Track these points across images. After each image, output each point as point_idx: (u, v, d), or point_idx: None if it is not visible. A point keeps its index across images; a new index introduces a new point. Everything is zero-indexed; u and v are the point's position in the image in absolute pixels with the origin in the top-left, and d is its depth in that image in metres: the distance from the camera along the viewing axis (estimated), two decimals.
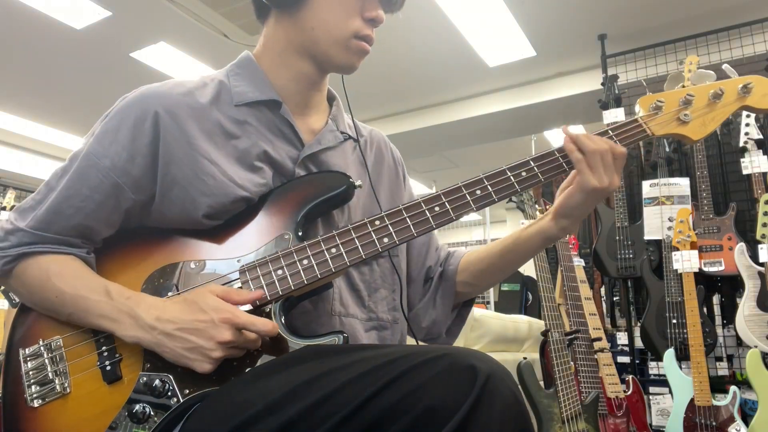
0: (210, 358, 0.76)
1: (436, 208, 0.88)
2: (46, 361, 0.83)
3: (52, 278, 0.84)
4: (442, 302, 1.10)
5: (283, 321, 0.83)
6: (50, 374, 0.82)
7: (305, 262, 0.84)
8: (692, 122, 0.96)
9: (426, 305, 1.10)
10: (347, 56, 0.93)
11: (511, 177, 0.90)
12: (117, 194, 0.87)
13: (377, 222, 0.87)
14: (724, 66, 1.02)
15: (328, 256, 0.84)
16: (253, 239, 0.88)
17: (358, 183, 0.93)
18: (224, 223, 0.89)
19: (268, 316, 0.83)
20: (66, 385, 0.82)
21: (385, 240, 0.86)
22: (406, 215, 0.87)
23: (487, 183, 0.90)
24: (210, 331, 0.76)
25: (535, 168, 0.91)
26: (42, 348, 0.84)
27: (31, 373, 0.83)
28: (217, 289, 0.80)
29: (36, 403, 0.81)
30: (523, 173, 0.91)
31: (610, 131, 0.94)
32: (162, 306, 0.80)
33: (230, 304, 0.79)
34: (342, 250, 0.85)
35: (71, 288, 0.83)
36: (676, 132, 0.96)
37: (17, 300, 0.92)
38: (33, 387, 0.82)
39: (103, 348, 0.83)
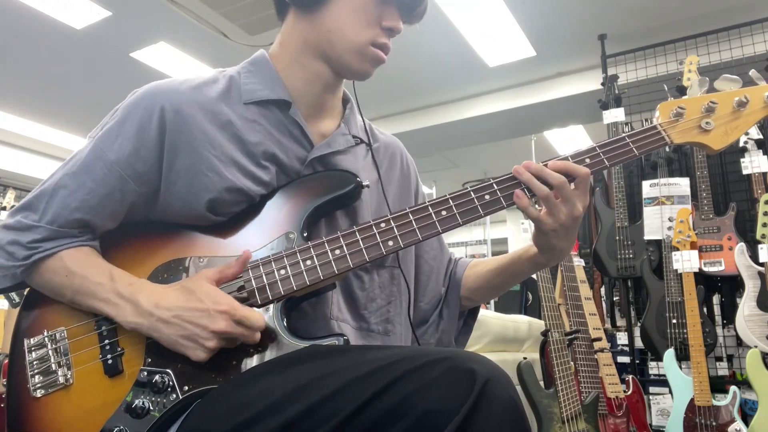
0: (204, 347, 0.77)
1: (443, 212, 0.86)
2: (50, 351, 0.83)
3: (64, 259, 0.84)
4: (448, 312, 1.09)
5: (285, 323, 0.82)
6: (53, 365, 0.82)
7: (308, 262, 0.83)
8: (714, 131, 0.92)
9: (435, 319, 1.10)
10: (362, 63, 0.92)
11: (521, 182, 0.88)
12: (122, 187, 0.87)
13: (383, 224, 0.85)
14: (751, 72, 0.98)
15: (331, 257, 0.84)
16: (259, 237, 0.87)
17: (365, 183, 0.92)
18: (231, 219, 0.89)
19: (269, 315, 0.83)
20: (69, 376, 0.82)
21: (390, 243, 0.84)
22: (412, 218, 0.86)
23: (496, 188, 0.87)
24: (205, 320, 0.76)
25: None
26: (46, 339, 0.84)
27: (35, 363, 0.83)
28: (212, 275, 0.80)
29: (39, 393, 0.81)
30: None
31: (627, 138, 0.90)
32: (161, 292, 0.80)
33: (228, 296, 0.79)
34: (346, 251, 0.84)
35: (79, 269, 0.83)
36: (697, 141, 0.92)
37: (17, 300, 0.92)
38: (36, 377, 0.82)
39: (106, 341, 0.83)
